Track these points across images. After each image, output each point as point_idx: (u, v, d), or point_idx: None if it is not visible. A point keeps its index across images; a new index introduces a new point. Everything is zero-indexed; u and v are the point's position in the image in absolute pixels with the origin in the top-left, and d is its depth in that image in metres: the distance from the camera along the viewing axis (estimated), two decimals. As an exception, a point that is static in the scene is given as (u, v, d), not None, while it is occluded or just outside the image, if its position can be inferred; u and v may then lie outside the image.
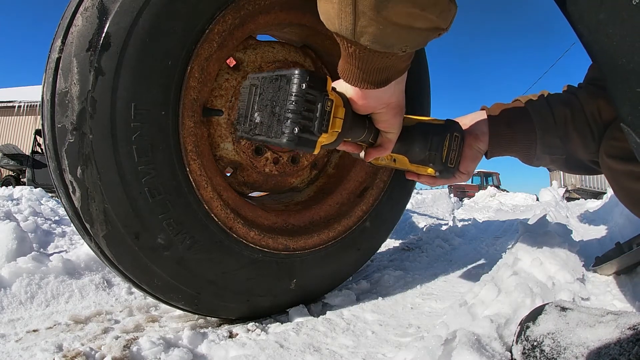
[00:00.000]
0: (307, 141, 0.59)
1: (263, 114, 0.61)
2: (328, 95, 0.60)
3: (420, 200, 4.32)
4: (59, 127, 0.73)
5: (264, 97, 0.61)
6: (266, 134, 0.60)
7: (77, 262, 1.24)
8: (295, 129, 0.56)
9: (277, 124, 0.58)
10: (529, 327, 0.61)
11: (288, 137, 0.57)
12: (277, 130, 0.58)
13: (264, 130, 0.60)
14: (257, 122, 0.61)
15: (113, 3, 0.72)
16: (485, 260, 1.67)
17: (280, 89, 0.58)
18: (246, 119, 0.64)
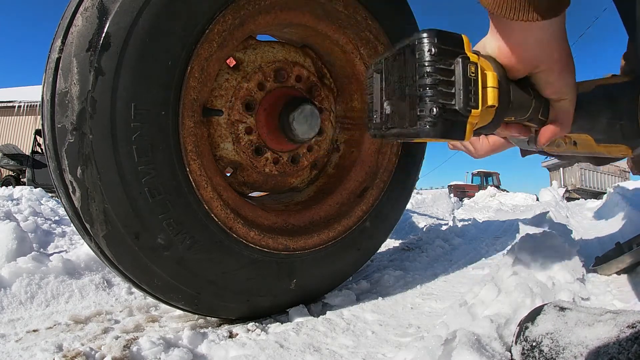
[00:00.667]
0: (453, 125, 0.44)
1: (392, 102, 0.48)
2: (469, 58, 0.44)
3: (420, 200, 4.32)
4: (59, 127, 0.73)
5: (390, 80, 0.49)
6: (399, 125, 0.47)
7: (77, 262, 1.24)
8: (433, 109, 0.42)
9: (409, 110, 0.45)
10: (527, 327, 0.61)
11: (428, 123, 0.43)
12: (411, 118, 0.45)
13: (396, 121, 0.48)
14: (387, 114, 0.49)
15: (113, 3, 0.72)
16: (485, 260, 1.67)
17: (407, 63, 0.45)
18: (376, 114, 0.52)
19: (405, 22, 1.21)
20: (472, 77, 0.44)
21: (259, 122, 1.05)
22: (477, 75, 0.45)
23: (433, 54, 0.43)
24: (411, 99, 0.44)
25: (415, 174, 1.35)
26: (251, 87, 1.02)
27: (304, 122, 1.02)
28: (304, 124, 1.02)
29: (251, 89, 1.02)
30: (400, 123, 0.47)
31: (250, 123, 1.03)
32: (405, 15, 1.21)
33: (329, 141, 1.27)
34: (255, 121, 1.04)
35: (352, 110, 1.29)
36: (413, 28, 1.23)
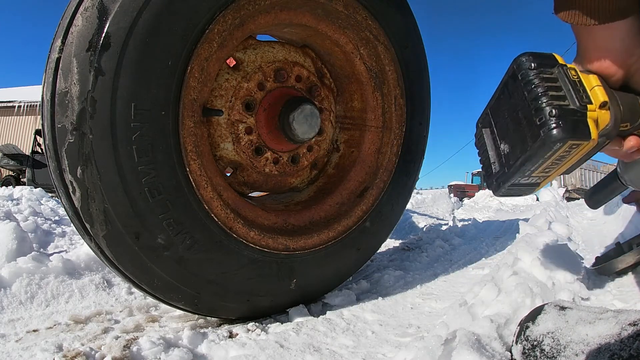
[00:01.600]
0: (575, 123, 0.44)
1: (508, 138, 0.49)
2: (565, 65, 0.47)
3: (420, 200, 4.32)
4: (59, 127, 0.73)
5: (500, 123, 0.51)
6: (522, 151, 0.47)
7: (77, 262, 1.24)
8: (552, 111, 0.43)
9: (528, 128, 0.45)
10: (528, 327, 0.61)
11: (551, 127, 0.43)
12: (532, 134, 0.45)
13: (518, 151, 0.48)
14: (507, 153, 0.49)
15: (113, 3, 0.72)
16: (485, 260, 1.67)
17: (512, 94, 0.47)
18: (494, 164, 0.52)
19: (406, 22, 1.21)
20: (576, 79, 0.46)
21: (259, 122, 1.05)
22: (579, 78, 0.47)
23: (533, 68, 0.45)
24: (527, 118, 0.45)
25: (415, 174, 1.35)
26: (251, 87, 1.02)
27: (304, 122, 1.02)
28: (304, 124, 1.02)
29: (251, 89, 1.02)
30: (522, 149, 0.47)
31: (250, 123, 1.03)
32: (406, 15, 1.21)
33: (329, 141, 1.27)
34: (255, 121, 1.04)
35: (352, 110, 1.29)
36: (413, 28, 1.23)
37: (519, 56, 0.47)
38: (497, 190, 0.53)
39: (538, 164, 0.47)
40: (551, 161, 0.46)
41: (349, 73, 1.23)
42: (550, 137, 0.43)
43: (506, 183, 0.51)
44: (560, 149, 0.44)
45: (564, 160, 0.47)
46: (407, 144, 1.29)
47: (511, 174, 0.49)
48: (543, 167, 0.48)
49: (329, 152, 1.30)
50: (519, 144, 0.47)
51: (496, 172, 0.52)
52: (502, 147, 0.51)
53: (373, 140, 1.27)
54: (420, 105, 1.30)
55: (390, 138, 1.26)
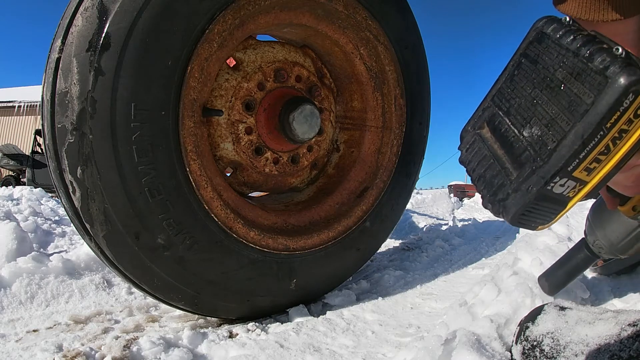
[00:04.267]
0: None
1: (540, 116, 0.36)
2: None
3: (420, 200, 4.32)
4: (59, 127, 0.73)
5: (518, 105, 0.39)
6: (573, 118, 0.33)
7: (77, 262, 1.24)
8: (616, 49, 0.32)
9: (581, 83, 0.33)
10: (528, 327, 0.61)
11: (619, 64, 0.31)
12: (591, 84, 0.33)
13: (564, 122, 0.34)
14: (537, 136, 0.36)
15: (113, 3, 0.72)
16: (485, 260, 1.67)
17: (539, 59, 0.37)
18: (508, 170, 0.38)
19: (406, 22, 1.21)
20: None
21: (259, 122, 1.05)
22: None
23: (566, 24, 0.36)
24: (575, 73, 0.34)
25: (415, 174, 1.35)
26: (251, 87, 1.02)
27: (304, 122, 1.02)
28: (304, 124, 1.02)
29: (251, 89, 1.02)
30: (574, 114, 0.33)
31: (250, 123, 1.03)
32: (406, 15, 1.21)
33: (329, 141, 1.27)
34: (255, 121, 1.04)
35: (352, 110, 1.29)
36: (413, 28, 1.23)
37: (540, 19, 0.37)
38: (517, 204, 0.36)
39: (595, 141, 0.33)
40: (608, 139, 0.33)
41: (349, 73, 1.23)
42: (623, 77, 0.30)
43: (539, 186, 0.35)
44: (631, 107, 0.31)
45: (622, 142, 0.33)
46: (407, 144, 1.29)
47: (552, 164, 0.34)
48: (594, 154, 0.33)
49: (329, 152, 1.30)
50: (564, 113, 0.34)
51: (515, 178, 0.37)
52: (526, 134, 0.37)
53: (373, 141, 1.27)
54: (420, 105, 1.30)
55: (390, 138, 1.26)
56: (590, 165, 0.34)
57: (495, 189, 0.38)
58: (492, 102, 0.41)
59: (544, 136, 0.35)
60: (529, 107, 0.37)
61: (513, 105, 0.39)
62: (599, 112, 0.31)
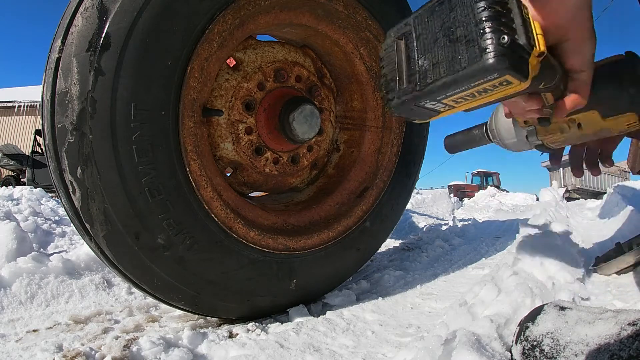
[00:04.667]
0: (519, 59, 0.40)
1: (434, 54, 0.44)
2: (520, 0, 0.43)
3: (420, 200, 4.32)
4: (59, 127, 0.73)
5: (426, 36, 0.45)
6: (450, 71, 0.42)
7: (77, 262, 1.24)
8: (503, 37, 0.39)
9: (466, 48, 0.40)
10: (528, 327, 0.61)
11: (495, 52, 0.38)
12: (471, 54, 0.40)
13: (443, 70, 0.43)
14: (425, 69, 0.44)
15: (113, 3, 0.72)
16: (485, 260, 1.67)
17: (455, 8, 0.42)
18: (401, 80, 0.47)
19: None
20: (527, 18, 0.42)
21: (259, 122, 1.05)
22: (530, 19, 0.43)
23: None
24: (468, 38, 0.41)
25: (415, 174, 1.35)
26: (251, 87, 1.02)
27: (304, 122, 1.02)
28: (304, 124, 1.02)
29: (251, 89, 1.02)
30: (450, 69, 0.42)
31: (250, 123, 1.03)
32: (406, 15, 1.21)
33: (329, 141, 1.27)
34: (255, 121, 1.04)
35: (352, 110, 1.29)
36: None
37: None
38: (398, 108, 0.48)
39: (459, 90, 0.43)
40: (472, 91, 0.43)
41: (349, 73, 1.23)
42: (491, 64, 0.39)
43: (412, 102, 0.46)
44: (493, 80, 0.41)
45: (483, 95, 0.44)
46: (407, 144, 1.29)
47: (424, 93, 0.45)
48: (460, 95, 0.44)
49: (329, 152, 1.30)
50: (446, 63, 0.43)
51: (402, 89, 0.47)
52: (420, 63, 0.45)
53: (373, 140, 1.27)
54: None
55: (390, 138, 1.26)
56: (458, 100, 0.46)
57: (389, 88, 0.49)
58: (412, 21, 0.48)
59: (428, 71, 0.44)
60: (430, 43, 0.45)
61: (422, 34, 0.46)
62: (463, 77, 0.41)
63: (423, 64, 0.45)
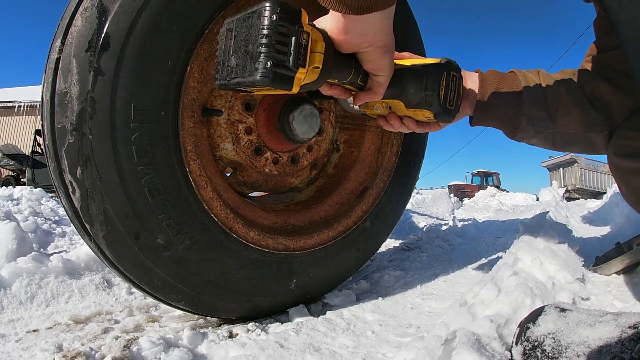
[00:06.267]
0: (283, 77, 0.54)
1: (238, 56, 0.57)
2: (303, 28, 0.56)
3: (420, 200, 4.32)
4: (59, 127, 0.73)
5: (238, 38, 0.57)
6: (241, 75, 0.56)
7: (77, 262, 1.24)
8: (268, 63, 0.52)
9: (250, 62, 0.54)
10: (529, 327, 0.61)
11: (262, 73, 0.53)
12: (250, 68, 0.54)
13: (239, 72, 0.56)
14: (232, 66, 0.58)
15: (113, 3, 0.72)
16: (485, 260, 1.67)
17: (252, 26, 0.55)
18: (223, 66, 0.60)
19: (405, 22, 1.21)
20: (304, 43, 0.55)
21: (259, 122, 1.05)
22: (308, 42, 0.56)
23: (274, 20, 0.53)
24: (252, 55, 0.54)
25: (415, 174, 1.35)
26: (251, 87, 1.02)
27: (304, 122, 1.02)
28: (303, 124, 1.02)
29: (251, 89, 1.02)
30: (241, 73, 0.56)
31: (249, 123, 1.03)
32: (405, 15, 1.21)
33: (328, 141, 1.27)
34: (255, 121, 1.04)
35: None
36: (413, 28, 1.23)
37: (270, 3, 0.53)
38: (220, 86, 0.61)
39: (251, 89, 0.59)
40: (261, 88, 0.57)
41: (349, 73, 1.23)
42: (258, 80, 0.53)
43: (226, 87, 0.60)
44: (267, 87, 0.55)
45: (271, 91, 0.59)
46: (407, 144, 1.29)
47: (230, 84, 0.59)
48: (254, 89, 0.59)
49: (329, 152, 1.30)
50: (241, 68, 0.56)
51: (221, 74, 0.60)
52: (232, 59, 0.57)
53: (373, 140, 1.27)
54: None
55: (390, 138, 1.26)
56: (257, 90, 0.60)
57: (217, 68, 0.61)
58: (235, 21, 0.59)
59: (233, 68, 0.57)
60: (238, 47, 0.57)
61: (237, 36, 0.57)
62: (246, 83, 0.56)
63: (232, 61, 0.58)
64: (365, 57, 0.63)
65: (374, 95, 0.70)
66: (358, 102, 0.72)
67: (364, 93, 0.70)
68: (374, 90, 0.69)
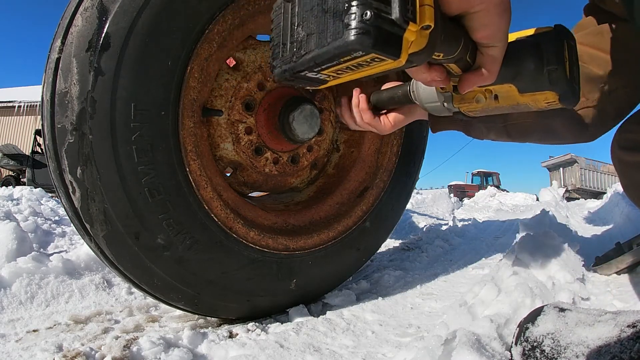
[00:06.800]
0: (388, 36, 0.37)
1: (309, 23, 0.41)
2: None
3: (420, 200, 4.32)
4: (59, 127, 0.73)
5: (305, 3, 0.42)
6: (318, 45, 0.40)
7: (77, 262, 1.24)
8: (366, 13, 0.35)
9: (333, 22, 0.38)
10: (528, 328, 0.61)
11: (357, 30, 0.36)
12: (335, 29, 0.38)
13: (313, 43, 0.40)
14: (301, 39, 0.42)
15: (113, 3, 0.72)
16: (485, 260, 1.67)
17: None
18: (284, 47, 0.44)
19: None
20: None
21: (259, 122, 1.05)
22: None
23: None
24: (336, 11, 0.38)
25: (415, 174, 1.35)
26: (251, 87, 1.02)
27: (304, 122, 1.02)
28: (304, 124, 1.02)
29: (251, 89, 1.02)
30: (319, 42, 0.40)
31: (250, 123, 1.03)
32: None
33: (329, 141, 1.27)
34: (255, 121, 1.04)
35: (352, 110, 1.29)
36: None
37: None
38: (280, 76, 0.46)
39: (331, 64, 0.41)
40: (347, 65, 0.41)
41: (349, 73, 1.23)
42: (352, 42, 0.36)
43: (290, 72, 0.44)
44: (361, 57, 0.39)
45: (361, 68, 0.42)
46: (407, 144, 1.29)
47: (299, 65, 0.42)
48: (336, 69, 0.42)
49: (329, 152, 1.30)
50: (316, 36, 0.40)
51: (284, 57, 0.44)
52: (298, 31, 0.42)
53: (373, 140, 1.27)
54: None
55: (390, 138, 1.26)
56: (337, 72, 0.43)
57: (275, 55, 0.46)
58: None
59: (302, 41, 0.42)
60: (307, 11, 0.41)
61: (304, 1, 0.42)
62: (328, 53, 0.39)
63: (300, 33, 0.42)
64: (478, 20, 0.47)
65: (487, 76, 0.53)
66: (466, 87, 0.54)
67: (473, 74, 0.53)
68: (487, 67, 0.52)
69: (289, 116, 1.01)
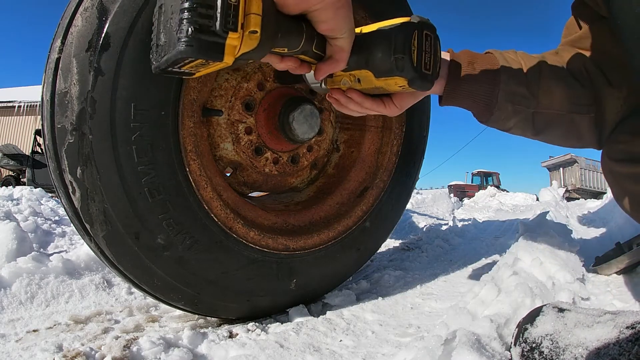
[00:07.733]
0: (210, 45, 0.46)
1: (166, 32, 0.49)
2: None
3: (420, 200, 4.32)
4: (59, 127, 0.73)
5: (165, 12, 0.49)
6: (167, 50, 0.48)
7: (77, 262, 1.24)
8: (189, 29, 0.44)
9: (175, 33, 0.46)
10: (527, 329, 0.61)
11: (185, 42, 0.44)
12: (174, 41, 0.46)
13: (166, 48, 0.48)
14: (162, 44, 0.49)
15: (113, 3, 0.72)
16: (485, 260, 1.67)
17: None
18: (157, 47, 0.51)
19: None
20: (233, 4, 0.46)
21: (259, 122, 1.05)
22: (239, 3, 0.47)
23: None
24: (175, 25, 0.46)
25: (415, 174, 1.35)
26: (251, 87, 1.02)
27: (304, 122, 1.02)
28: (303, 124, 1.02)
29: (251, 89, 1.02)
30: (168, 49, 0.48)
31: (250, 123, 1.03)
32: (405, 15, 1.21)
33: (329, 141, 1.27)
34: (255, 121, 1.04)
35: (352, 110, 1.29)
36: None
37: None
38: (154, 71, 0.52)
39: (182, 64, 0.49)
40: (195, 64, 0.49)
41: (349, 73, 1.23)
42: (181, 51, 0.45)
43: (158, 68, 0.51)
44: (196, 60, 0.47)
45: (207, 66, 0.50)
46: (407, 144, 1.29)
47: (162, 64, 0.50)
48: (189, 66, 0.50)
49: (329, 152, 1.30)
50: (168, 43, 0.48)
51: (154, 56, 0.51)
52: (160, 37, 0.50)
53: (373, 140, 1.27)
54: (420, 105, 1.29)
55: (390, 138, 1.26)
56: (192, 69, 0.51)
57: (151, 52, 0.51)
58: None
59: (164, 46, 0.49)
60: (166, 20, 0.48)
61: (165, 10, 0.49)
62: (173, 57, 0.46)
63: (161, 38, 0.49)
64: (317, 17, 0.54)
65: (336, 64, 0.60)
66: (319, 75, 0.62)
67: (324, 63, 0.61)
68: (335, 57, 0.60)
69: (289, 116, 1.01)
